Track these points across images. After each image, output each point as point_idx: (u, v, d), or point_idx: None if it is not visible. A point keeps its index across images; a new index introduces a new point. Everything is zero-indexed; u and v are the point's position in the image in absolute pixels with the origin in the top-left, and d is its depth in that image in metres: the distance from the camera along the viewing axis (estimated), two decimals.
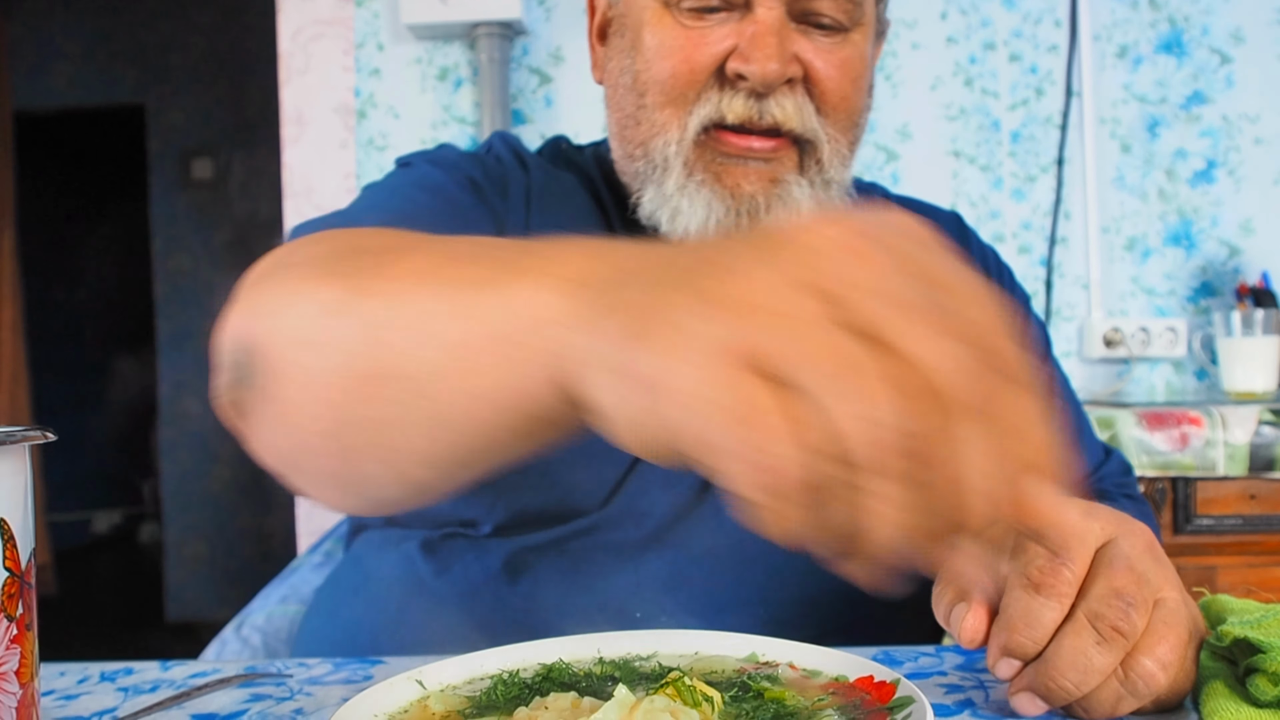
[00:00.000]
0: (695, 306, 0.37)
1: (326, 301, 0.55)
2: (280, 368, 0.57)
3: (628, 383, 0.38)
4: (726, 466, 0.35)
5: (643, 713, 0.43)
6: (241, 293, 0.65)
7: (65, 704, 0.68)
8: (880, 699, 0.47)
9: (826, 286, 0.36)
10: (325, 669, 0.76)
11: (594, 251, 0.45)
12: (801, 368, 0.34)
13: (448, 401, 0.48)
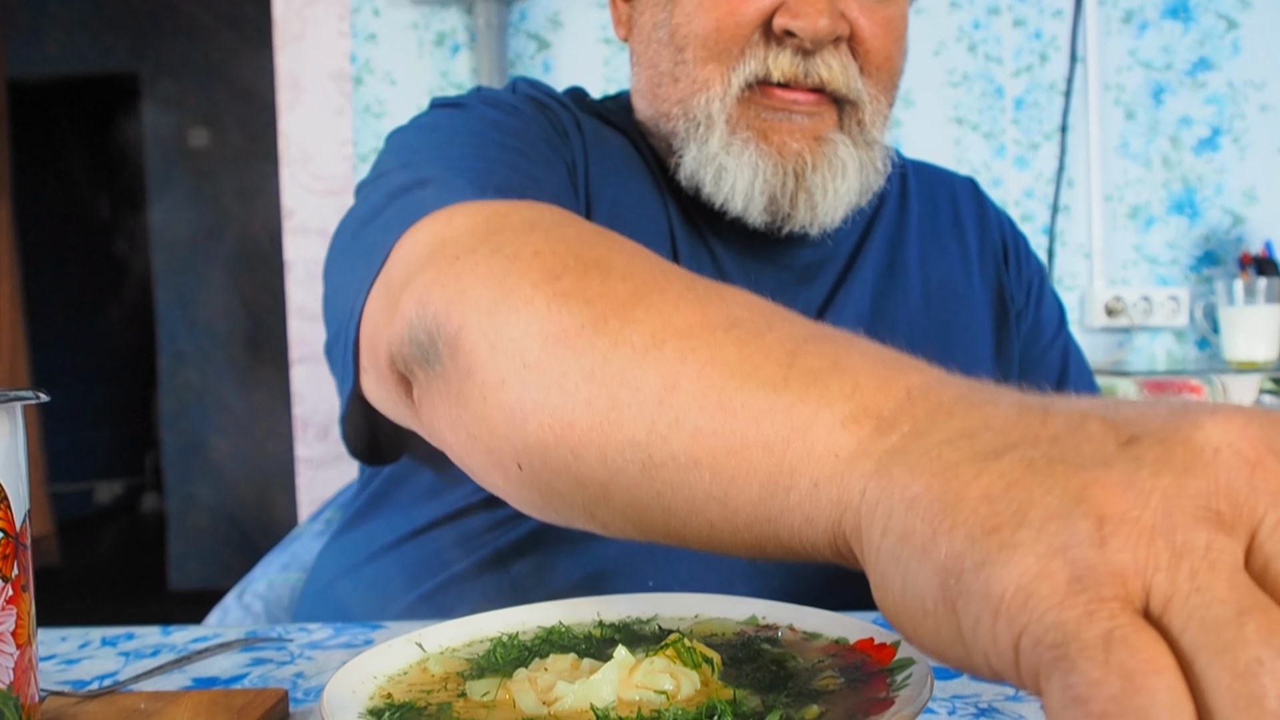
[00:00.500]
0: (1056, 501, 0.29)
1: (560, 328, 0.48)
2: (484, 378, 0.51)
3: (926, 555, 0.31)
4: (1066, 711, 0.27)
5: (642, 673, 0.43)
6: (439, 260, 0.58)
7: (66, 668, 0.68)
8: (881, 660, 0.46)
9: (1240, 520, 0.28)
10: (325, 634, 0.76)
11: (899, 377, 0.38)
12: (1215, 626, 0.26)
13: (687, 497, 0.42)
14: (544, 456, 0.48)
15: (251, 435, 4.28)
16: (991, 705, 0.56)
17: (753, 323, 0.44)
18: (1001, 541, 0.29)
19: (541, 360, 0.48)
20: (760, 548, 0.41)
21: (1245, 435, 0.29)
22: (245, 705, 0.55)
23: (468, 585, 0.82)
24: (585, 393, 0.46)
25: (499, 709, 0.43)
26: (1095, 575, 0.27)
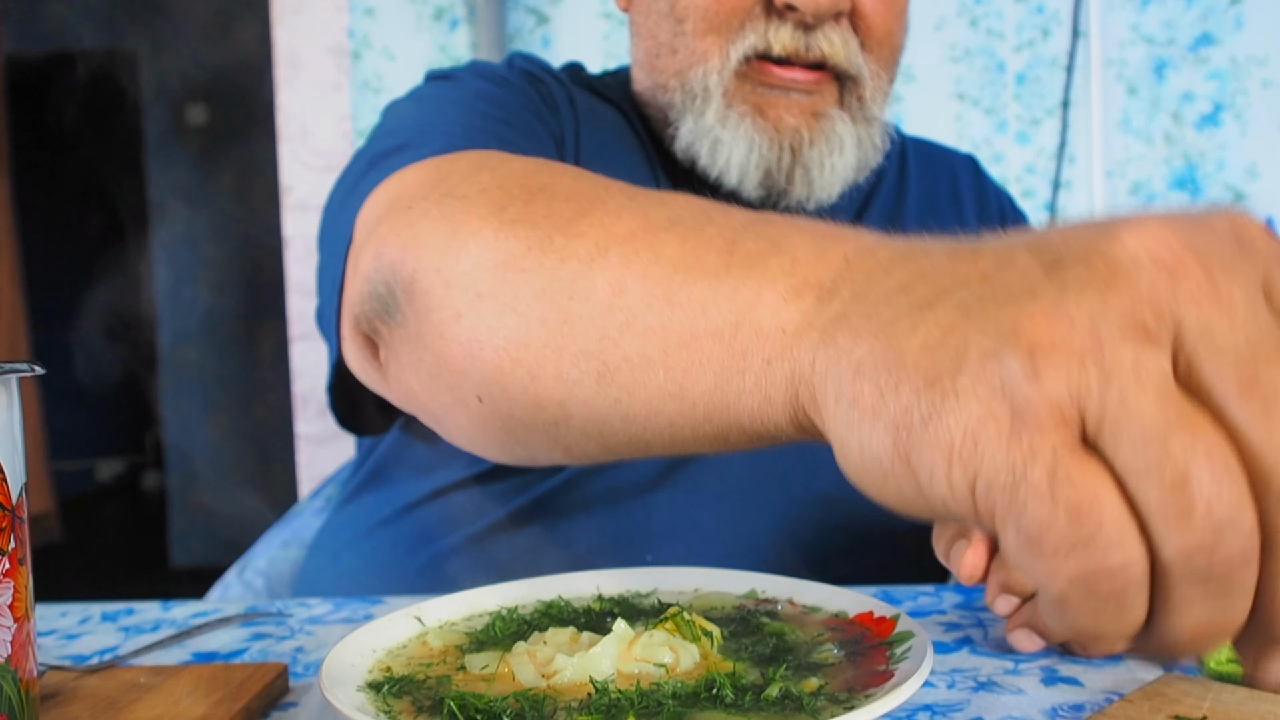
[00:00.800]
0: (989, 341, 0.30)
1: (509, 253, 0.48)
2: (440, 317, 0.51)
3: (876, 416, 0.32)
4: (1023, 553, 0.29)
5: (642, 646, 0.43)
6: (393, 213, 0.58)
7: (67, 643, 0.69)
8: (880, 634, 0.47)
9: (1165, 334, 0.29)
10: (326, 608, 0.76)
11: (835, 245, 0.38)
12: (1142, 445, 0.27)
13: (644, 399, 0.42)
14: (501, 384, 0.48)
15: (251, 412, 4.28)
16: (990, 679, 0.57)
17: (693, 220, 0.44)
18: (944, 391, 0.30)
19: (493, 288, 0.48)
20: (724, 439, 0.41)
21: (1163, 242, 0.29)
22: (245, 679, 0.55)
23: (463, 560, 0.82)
24: (537, 311, 0.46)
25: (498, 682, 0.43)
26: (1034, 410, 0.28)
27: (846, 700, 0.39)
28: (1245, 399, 0.28)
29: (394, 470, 0.90)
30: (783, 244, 0.39)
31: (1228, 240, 0.30)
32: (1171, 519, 0.27)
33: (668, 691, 0.40)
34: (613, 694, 0.39)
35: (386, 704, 0.41)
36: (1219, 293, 0.29)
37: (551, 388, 0.46)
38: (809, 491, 0.82)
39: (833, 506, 0.83)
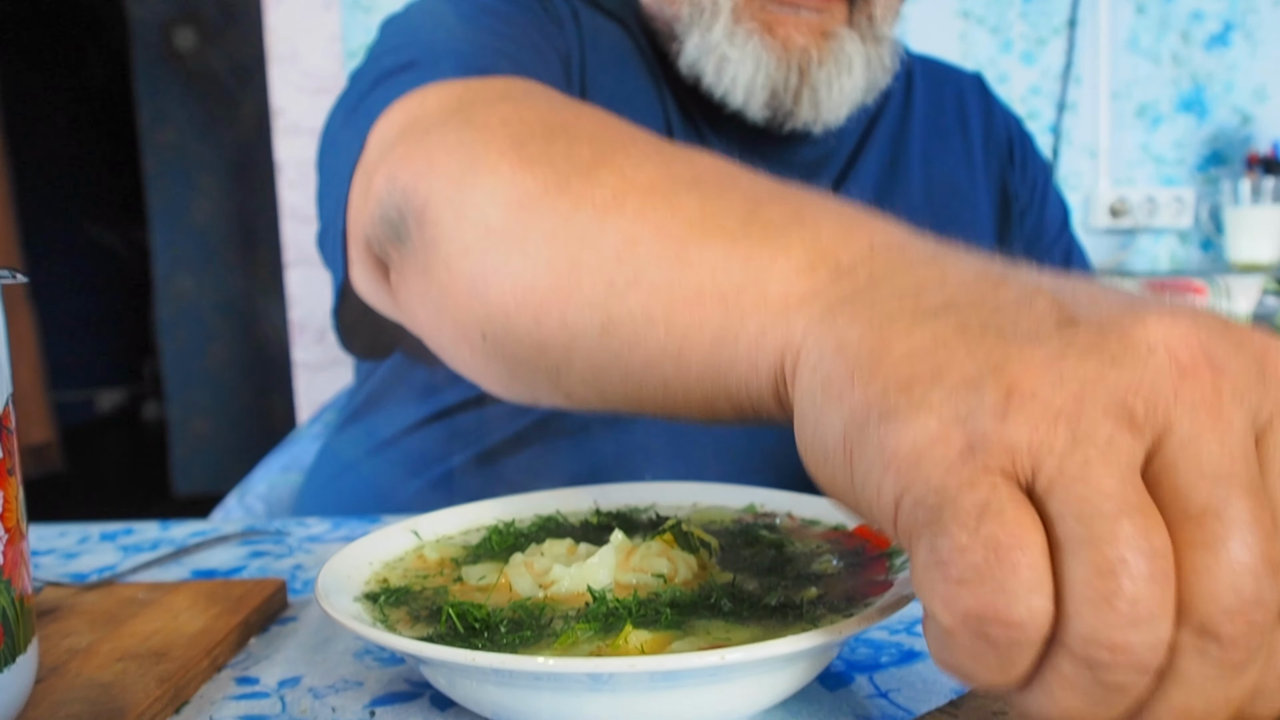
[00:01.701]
0: (973, 368, 0.29)
1: (524, 191, 0.47)
2: (449, 250, 0.50)
3: (840, 401, 0.31)
4: (928, 572, 0.28)
5: (639, 557, 0.43)
6: (409, 136, 0.57)
7: (66, 562, 0.69)
8: (880, 545, 0.46)
9: (1152, 425, 0.27)
10: (324, 527, 0.76)
11: (861, 229, 0.37)
12: (1089, 517, 0.26)
13: (643, 356, 0.41)
14: (506, 324, 0.47)
15: (248, 340, 4.27)
16: None
17: (717, 180, 0.43)
18: (911, 399, 0.29)
19: (504, 225, 0.47)
20: (711, 405, 0.40)
21: (1185, 340, 0.28)
22: (244, 595, 0.55)
23: (461, 481, 0.82)
24: (546, 254, 0.45)
25: (495, 593, 0.43)
26: (987, 445, 0.27)
27: (846, 608, 0.39)
28: (1203, 522, 0.26)
29: (393, 393, 0.90)
30: (807, 217, 0.38)
31: (1250, 362, 0.28)
32: (1091, 599, 0.26)
33: (665, 600, 0.40)
34: (610, 603, 0.39)
35: (383, 614, 0.41)
36: (1220, 410, 0.27)
37: (555, 333, 0.45)
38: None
39: None
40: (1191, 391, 0.27)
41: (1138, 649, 0.26)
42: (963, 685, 0.53)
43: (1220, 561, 0.26)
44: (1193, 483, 0.27)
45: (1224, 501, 0.26)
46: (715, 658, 0.32)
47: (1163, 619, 0.26)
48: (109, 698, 0.42)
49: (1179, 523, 0.27)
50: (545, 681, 0.34)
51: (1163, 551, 0.26)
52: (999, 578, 0.26)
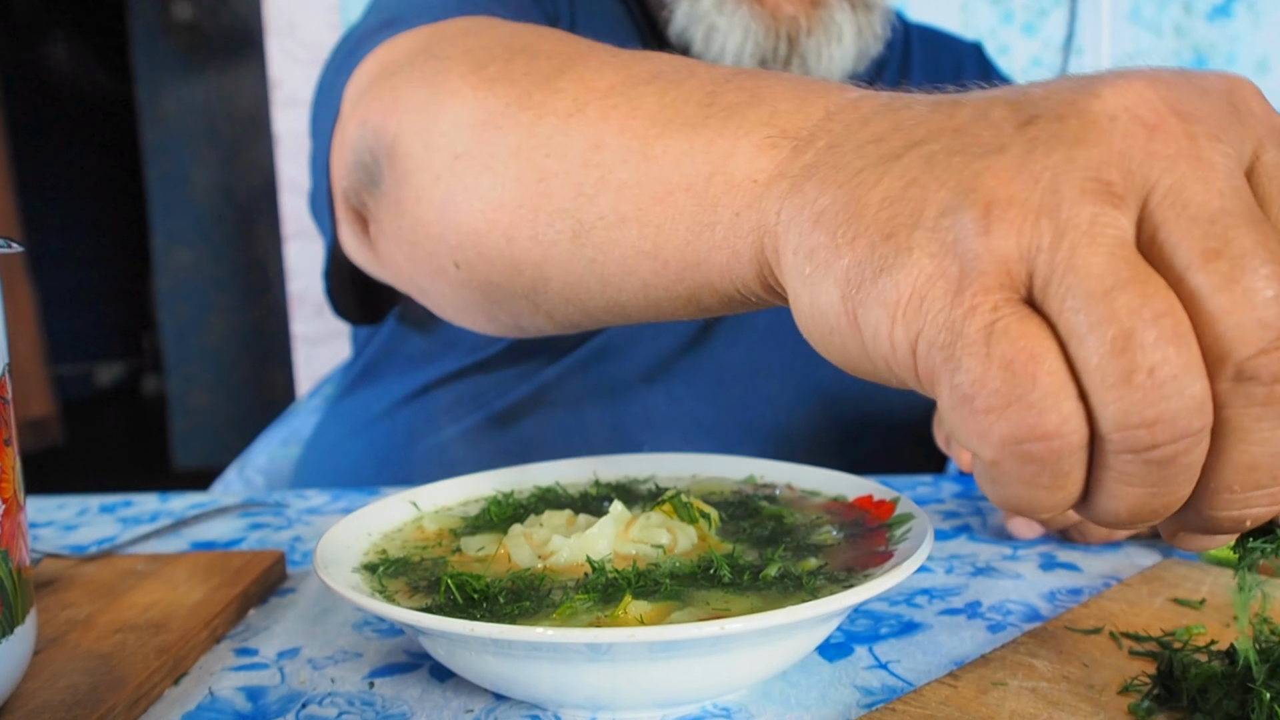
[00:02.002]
0: (948, 195, 0.28)
1: (486, 111, 0.46)
2: (420, 180, 0.50)
3: (829, 268, 0.30)
4: (957, 412, 0.27)
5: (639, 528, 0.43)
6: (378, 80, 0.57)
7: (65, 534, 0.69)
8: (879, 516, 0.46)
9: (1132, 195, 0.27)
10: (323, 499, 0.76)
11: (817, 98, 0.36)
12: (1085, 303, 0.26)
13: (619, 258, 0.41)
14: (478, 247, 0.47)
15: (247, 314, 4.26)
16: (988, 564, 0.57)
17: (674, 74, 0.42)
18: (898, 246, 0.28)
19: (470, 147, 0.47)
20: (696, 300, 0.40)
21: (1145, 99, 0.27)
22: (243, 566, 0.55)
23: (459, 451, 0.82)
24: (513, 170, 0.45)
25: (494, 563, 0.43)
26: (979, 266, 0.27)
27: (846, 579, 0.39)
28: (1208, 266, 0.26)
29: (390, 363, 0.89)
30: (764, 95, 0.37)
31: (1220, 103, 0.28)
32: (1111, 382, 0.26)
33: (665, 571, 0.40)
34: (609, 574, 0.39)
35: (381, 584, 0.40)
36: (1199, 155, 0.27)
37: (528, 249, 0.45)
38: (806, 384, 0.82)
39: (830, 399, 0.83)
40: (1163, 146, 0.27)
41: (1175, 417, 0.26)
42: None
43: (1237, 298, 0.25)
44: (1186, 230, 0.26)
45: (1224, 240, 0.26)
46: (715, 628, 0.32)
47: (1188, 377, 0.25)
48: (108, 668, 0.42)
49: (1187, 276, 0.26)
50: (544, 652, 0.34)
51: (1167, 311, 0.26)
52: (1022, 395, 0.26)
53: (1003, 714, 0.37)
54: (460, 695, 0.41)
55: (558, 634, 0.32)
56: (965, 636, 0.46)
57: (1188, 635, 0.43)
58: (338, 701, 0.41)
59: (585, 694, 0.36)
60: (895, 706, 0.37)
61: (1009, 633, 0.47)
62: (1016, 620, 0.48)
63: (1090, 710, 0.37)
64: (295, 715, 0.40)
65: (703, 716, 0.39)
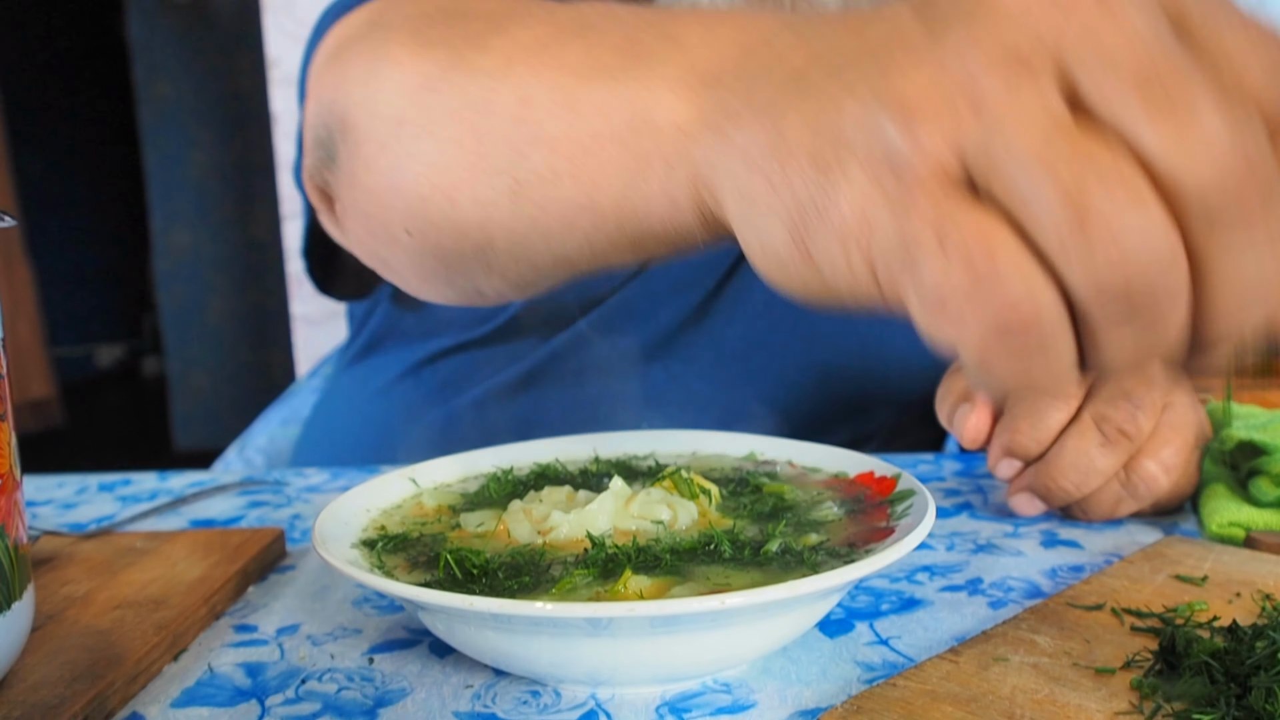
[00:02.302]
0: (863, 105, 0.28)
1: (424, 75, 0.47)
2: (368, 150, 0.50)
3: (770, 209, 0.30)
4: (930, 319, 0.27)
5: (639, 504, 0.42)
6: (333, 52, 0.57)
7: (64, 512, 0.68)
8: (881, 492, 0.46)
9: (1043, 56, 0.26)
10: (322, 478, 0.76)
11: (727, 31, 0.36)
12: (1026, 176, 0.25)
13: (558, 213, 0.41)
14: (424, 213, 0.47)
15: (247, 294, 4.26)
16: (990, 542, 0.56)
17: (601, 24, 0.42)
18: (829, 171, 0.28)
19: (411, 113, 0.47)
20: (640, 246, 0.40)
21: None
22: (242, 543, 0.55)
23: (455, 428, 0.82)
24: (451, 132, 0.45)
25: (494, 539, 0.42)
26: (913, 169, 0.26)
27: (847, 555, 0.39)
28: (1151, 114, 0.25)
29: (387, 341, 0.89)
30: (677, 35, 0.37)
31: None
32: (1068, 237, 0.25)
33: (665, 547, 0.39)
34: (610, 549, 0.39)
35: (380, 560, 0.40)
36: (1110, 10, 0.26)
37: (470, 211, 0.45)
38: (805, 360, 0.82)
39: (829, 376, 0.82)
40: (1071, 5, 0.26)
41: (1144, 254, 0.25)
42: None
43: (1181, 126, 0.25)
44: (1116, 85, 0.25)
45: (1153, 73, 0.25)
46: (715, 602, 0.32)
47: (1143, 210, 0.25)
48: (106, 644, 0.42)
49: (1120, 121, 0.25)
50: (544, 626, 0.34)
51: (1114, 166, 0.25)
52: (987, 283, 0.26)
53: (1004, 689, 0.37)
54: (460, 671, 0.41)
55: (557, 608, 0.32)
56: (966, 613, 0.46)
57: (1190, 611, 0.43)
58: (337, 677, 0.41)
59: (585, 669, 0.36)
60: (896, 682, 0.37)
61: (1010, 609, 0.46)
62: (1018, 597, 0.48)
63: (1092, 686, 0.37)
64: (295, 691, 0.40)
65: (703, 692, 0.39)
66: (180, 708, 0.39)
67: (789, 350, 0.81)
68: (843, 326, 0.80)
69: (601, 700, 0.38)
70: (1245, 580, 0.47)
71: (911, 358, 0.81)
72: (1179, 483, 0.57)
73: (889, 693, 0.37)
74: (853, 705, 0.36)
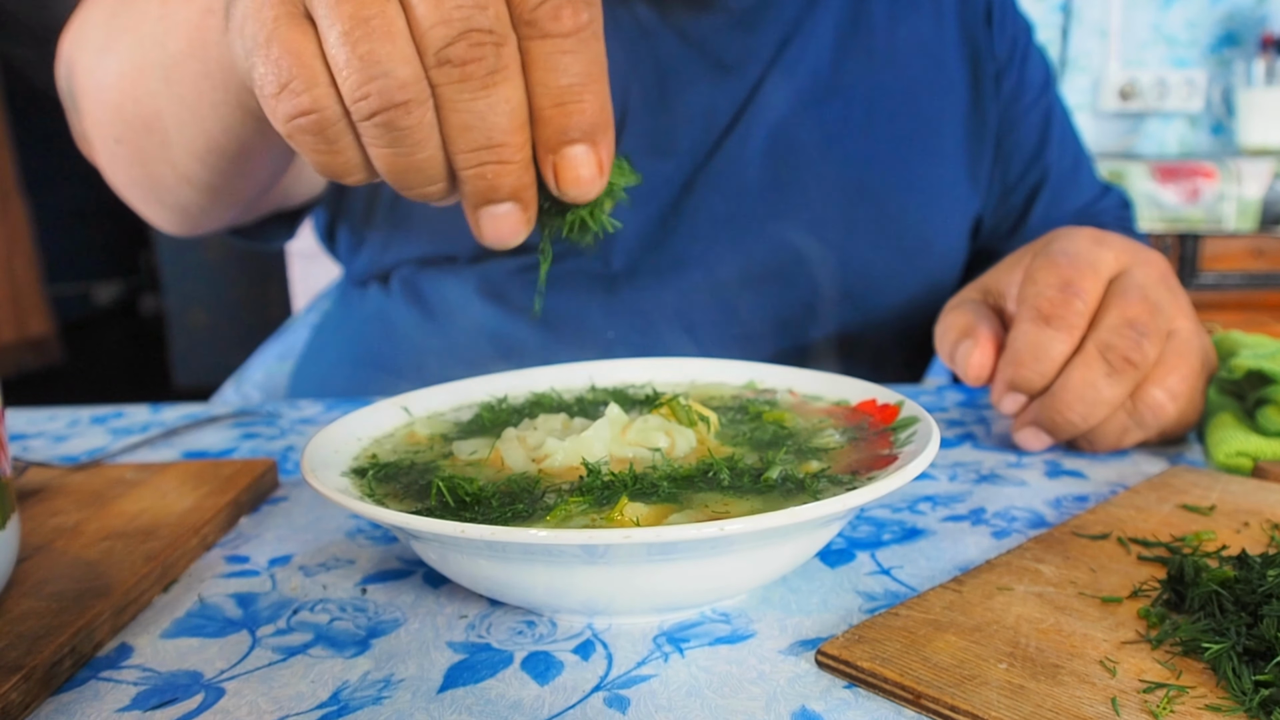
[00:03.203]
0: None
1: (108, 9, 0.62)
2: (83, 82, 0.64)
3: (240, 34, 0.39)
4: (264, 103, 0.37)
5: (636, 431, 0.41)
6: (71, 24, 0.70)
7: (55, 444, 0.67)
8: (884, 420, 0.45)
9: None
10: (317, 409, 0.75)
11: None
12: (328, 13, 0.35)
13: (192, 84, 0.55)
14: (121, 117, 0.62)
15: None
16: (993, 472, 0.56)
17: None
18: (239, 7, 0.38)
19: (101, 39, 0.62)
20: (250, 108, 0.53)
21: None
22: (233, 474, 0.54)
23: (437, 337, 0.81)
24: (125, 43, 0.59)
25: (487, 467, 0.41)
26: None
27: (849, 482, 0.38)
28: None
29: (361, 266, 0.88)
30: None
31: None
32: (340, 65, 0.35)
33: (663, 474, 0.38)
34: (605, 476, 0.38)
35: (371, 488, 0.39)
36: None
37: (146, 103, 0.59)
38: (796, 296, 0.80)
39: (818, 313, 0.81)
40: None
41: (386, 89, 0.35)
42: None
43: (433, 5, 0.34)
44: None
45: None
46: (714, 529, 0.31)
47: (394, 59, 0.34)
48: (95, 575, 0.41)
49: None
50: (538, 555, 0.33)
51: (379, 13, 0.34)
52: (287, 83, 0.36)
53: (1009, 619, 0.36)
54: (454, 601, 0.41)
55: (552, 536, 0.31)
56: (969, 543, 0.45)
57: (1197, 540, 0.42)
58: (329, 608, 0.41)
59: (581, 598, 0.35)
60: (899, 611, 0.37)
61: (1014, 539, 0.46)
62: (1021, 527, 0.47)
63: (1098, 615, 0.36)
64: (286, 621, 0.40)
65: (701, 621, 0.38)
66: (170, 638, 0.39)
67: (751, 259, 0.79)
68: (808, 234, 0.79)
69: (598, 630, 0.38)
70: (1253, 510, 0.46)
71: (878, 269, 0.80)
72: (1185, 411, 0.56)
73: (891, 622, 0.36)
74: (854, 635, 0.35)
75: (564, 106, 0.36)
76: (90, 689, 0.35)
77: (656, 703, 0.33)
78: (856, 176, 0.80)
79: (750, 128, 0.79)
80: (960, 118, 0.86)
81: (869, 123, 0.82)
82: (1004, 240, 0.89)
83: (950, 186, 0.84)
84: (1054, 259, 0.57)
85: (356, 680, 0.35)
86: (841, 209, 0.80)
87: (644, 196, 0.77)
